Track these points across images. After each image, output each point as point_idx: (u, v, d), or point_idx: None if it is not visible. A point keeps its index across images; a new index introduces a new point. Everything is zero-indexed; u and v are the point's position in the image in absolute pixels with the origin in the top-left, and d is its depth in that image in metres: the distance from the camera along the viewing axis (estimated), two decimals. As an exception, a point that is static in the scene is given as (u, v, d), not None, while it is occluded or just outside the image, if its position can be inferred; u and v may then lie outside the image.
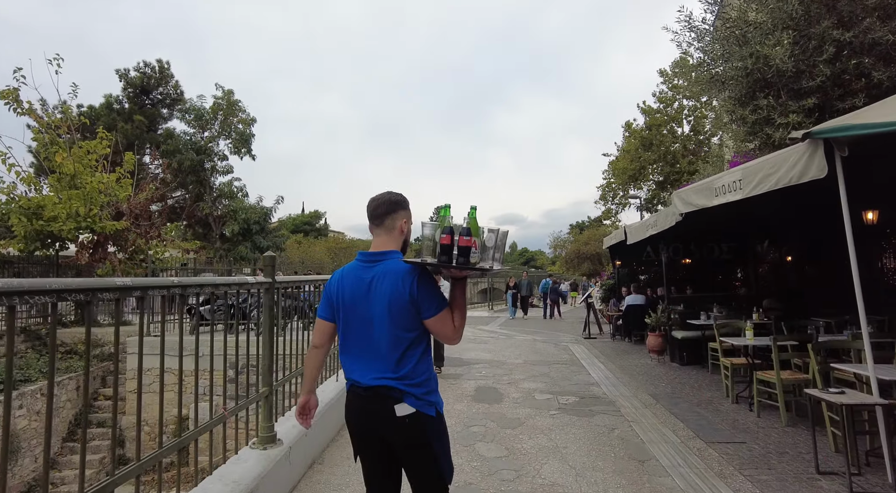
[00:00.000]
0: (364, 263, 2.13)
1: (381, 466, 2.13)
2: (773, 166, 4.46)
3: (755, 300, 10.14)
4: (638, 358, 9.79)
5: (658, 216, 8.28)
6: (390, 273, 2.04)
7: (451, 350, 10.46)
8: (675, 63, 25.01)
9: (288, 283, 4.26)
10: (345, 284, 2.13)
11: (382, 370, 2.01)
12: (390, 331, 2.01)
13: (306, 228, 58.71)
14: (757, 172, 4.76)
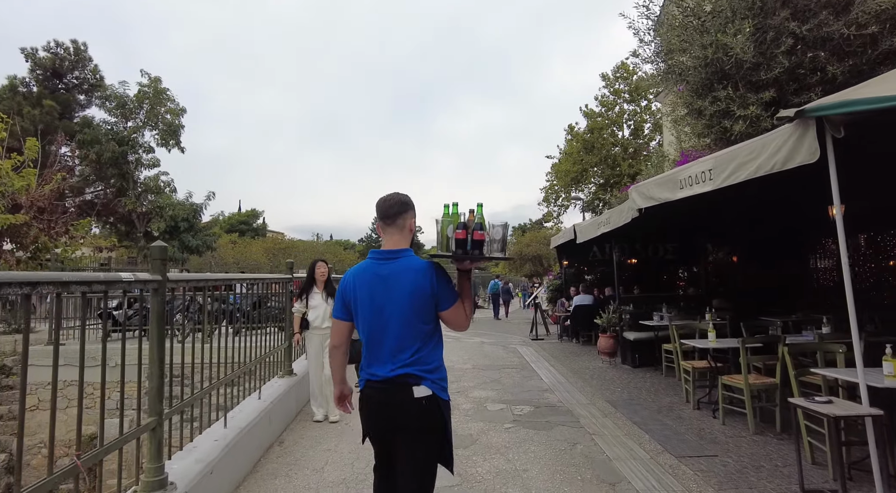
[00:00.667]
0: (379, 260, 2.22)
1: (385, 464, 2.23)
2: (750, 153, 4.02)
3: (703, 300, 10.02)
4: (588, 360, 9.40)
5: (612, 213, 7.88)
6: (411, 269, 2.16)
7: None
8: (617, 67, 25.42)
9: (189, 282, 3.37)
10: (360, 281, 2.22)
11: (399, 361, 2.11)
12: (411, 323, 2.13)
13: (242, 228, 56.02)
14: (731, 160, 4.33)
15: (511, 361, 9.33)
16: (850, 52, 6.24)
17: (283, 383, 5.60)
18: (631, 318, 8.73)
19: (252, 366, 4.80)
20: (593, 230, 8.92)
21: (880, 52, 6.17)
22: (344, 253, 40.55)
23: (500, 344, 11.81)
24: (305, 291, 5.26)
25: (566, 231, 10.97)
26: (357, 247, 65.32)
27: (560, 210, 28.92)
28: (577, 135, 26.65)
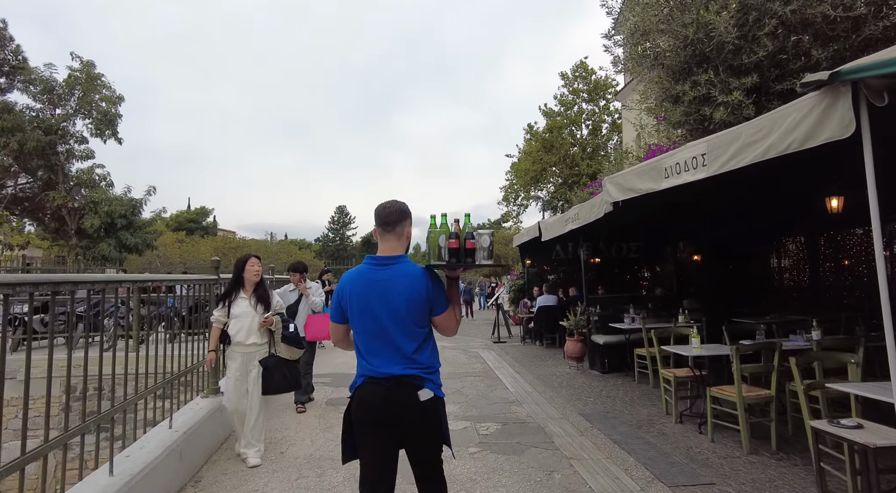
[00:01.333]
0: (375, 266, 2.26)
1: (389, 454, 2.22)
2: (758, 130, 3.40)
3: (672, 301, 9.59)
4: (554, 365, 8.78)
5: (581, 208, 7.26)
6: (407, 275, 2.23)
7: (346, 365, 8.80)
8: (576, 67, 25.19)
9: (23, 285, 2.37)
10: (356, 286, 2.24)
11: (403, 362, 2.17)
12: (407, 326, 2.19)
13: (191, 226, 53.39)
14: (731, 141, 3.71)
15: (474, 367, 8.59)
16: (834, 36, 5.81)
17: (207, 404, 4.64)
18: (600, 320, 8.16)
19: (159, 388, 3.84)
20: (560, 227, 8.30)
21: (864, 37, 5.77)
22: (299, 253, 38.83)
23: (462, 348, 11.06)
24: (229, 294, 4.28)
25: (530, 229, 10.35)
26: (313, 247, 63.43)
27: (519, 209, 28.56)
28: (536, 134, 26.31)
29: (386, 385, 2.16)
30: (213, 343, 4.30)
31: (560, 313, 10.56)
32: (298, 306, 5.68)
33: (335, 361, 9.32)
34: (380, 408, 2.17)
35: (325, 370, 8.36)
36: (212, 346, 4.32)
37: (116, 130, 20.40)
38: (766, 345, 4.46)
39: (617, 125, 25.22)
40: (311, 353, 5.85)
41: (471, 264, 2.30)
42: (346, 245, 59.80)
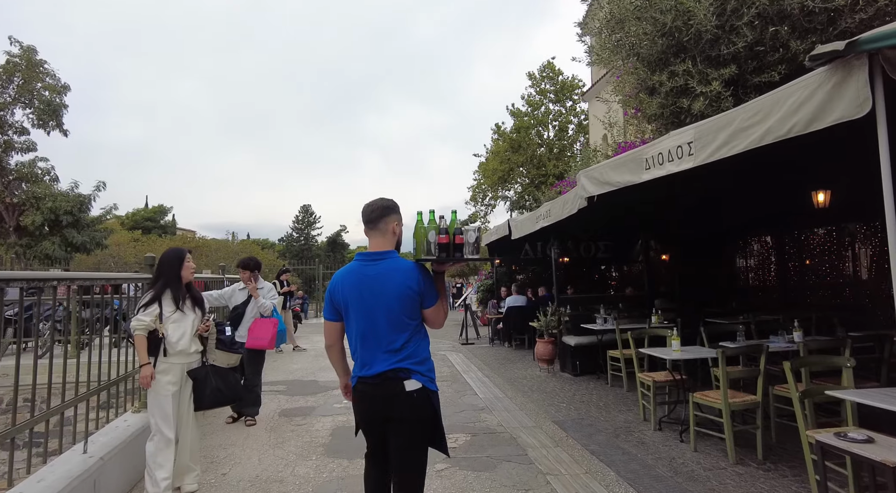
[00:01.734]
0: (366, 262, 2.31)
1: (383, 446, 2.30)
2: (754, 114, 3.09)
3: (642, 301, 9.39)
4: (524, 367, 8.43)
5: (553, 205, 6.93)
6: (398, 270, 2.26)
7: (303, 372, 8.22)
8: (543, 67, 25.11)
9: None
10: (348, 282, 2.30)
11: (390, 358, 2.21)
12: (398, 318, 2.22)
13: (148, 225, 51.21)
14: (722, 127, 3.39)
15: (440, 371, 8.15)
16: (811, 28, 5.63)
17: (137, 421, 4.05)
18: (571, 321, 7.84)
19: (69, 406, 3.24)
20: (531, 225, 7.96)
21: (840, 30, 5.60)
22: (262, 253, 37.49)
23: (428, 350, 10.61)
24: (159, 295, 3.64)
25: (499, 227, 10.00)
26: (277, 246, 61.68)
27: (487, 209, 28.29)
28: (503, 134, 26.10)
29: (373, 383, 2.22)
30: (145, 354, 3.43)
31: (530, 313, 10.25)
32: (246, 308, 5.04)
33: (292, 366, 8.71)
34: (370, 406, 2.25)
35: (281, 377, 7.76)
36: (144, 357, 3.42)
37: (62, 122, 19.06)
38: (751, 347, 4.18)
39: (583, 126, 25.26)
40: (258, 362, 5.22)
41: (459, 258, 2.33)
42: (311, 245, 58.43)
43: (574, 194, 6.11)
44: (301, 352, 10.14)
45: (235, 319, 4.94)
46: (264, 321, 4.95)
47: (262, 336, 4.84)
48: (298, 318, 13.09)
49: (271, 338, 4.87)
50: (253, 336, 4.87)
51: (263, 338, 4.83)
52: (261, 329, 4.87)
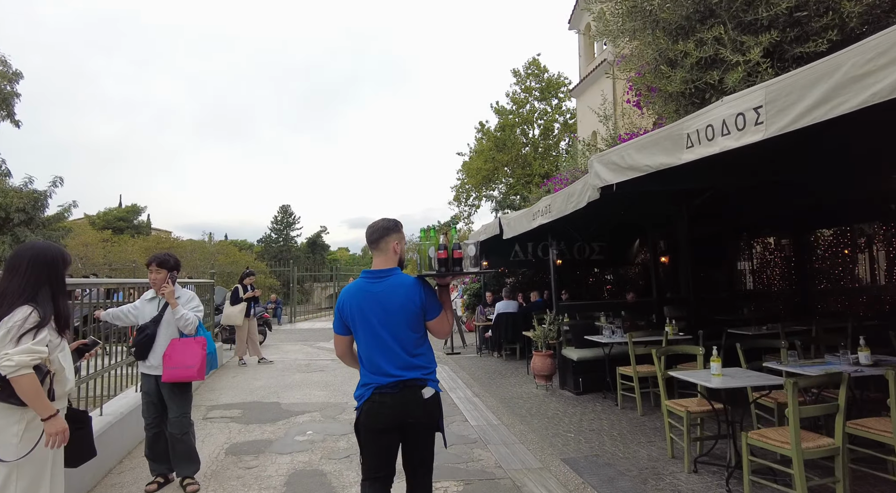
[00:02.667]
0: (371, 279, 2.44)
1: (390, 455, 2.37)
2: (882, 53, 2.14)
3: (646, 308, 8.49)
4: (519, 383, 7.44)
5: (554, 199, 5.96)
6: (402, 286, 2.40)
7: (265, 391, 7.08)
8: (528, 64, 24.27)
9: None
10: (355, 299, 2.41)
11: (405, 366, 2.33)
12: (404, 332, 2.36)
13: (121, 225, 49.15)
14: (814, 82, 2.45)
15: (423, 388, 7.11)
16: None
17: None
18: (573, 332, 6.88)
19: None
20: (526, 223, 6.99)
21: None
22: (239, 254, 35.90)
23: (409, 361, 9.57)
24: (48, 314, 2.28)
25: (489, 226, 9.01)
26: (255, 248, 59.86)
27: (471, 210, 27.35)
28: (487, 132, 25.18)
29: (393, 391, 2.31)
30: (47, 401, 2.23)
31: (521, 320, 9.28)
32: (159, 326, 3.52)
33: (253, 383, 7.58)
34: (389, 415, 2.31)
35: (238, 398, 6.63)
36: (49, 406, 2.22)
37: (13, 112, 17.52)
38: (831, 376, 3.23)
39: (569, 126, 24.51)
40: (184, 398, 3.66)
41: (458, 271, 2.48)
42: (291, 246, 56.86)
43: (583, 185, 5.15)
44: (267, 365, 9.00)
45: (143, 343, 3.47)
46: (187, 342, 3.52)
47: (186, 363, 3.44)
48: (268, 325, 11.91)
49: (200, 364, 3.48)
50: (172, 364, 3.43)
51: (189, 365, 3.44)
52: (183, 353, 3.46)
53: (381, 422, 2.31)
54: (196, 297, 3.68)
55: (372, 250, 2.50)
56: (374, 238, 2.47)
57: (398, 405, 2.29)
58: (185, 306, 3.55)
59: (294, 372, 8.45)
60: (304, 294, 34.17)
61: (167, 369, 3.44)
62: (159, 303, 3.56)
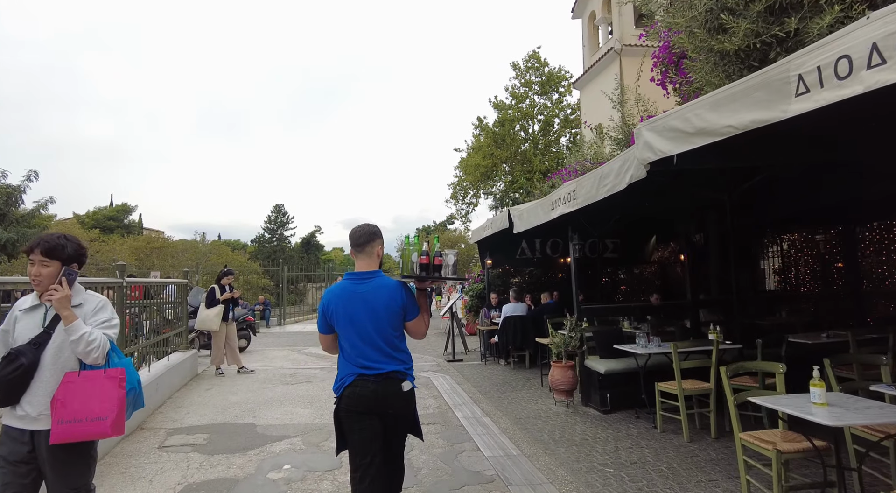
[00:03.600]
0: (356, 280, 2.59)
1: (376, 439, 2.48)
2: None
3: (673, 311, 7.53)
4: (533, 398, 6.46)
5: (581, 183, 5.00)
6: (386, 287, 2.56)
7: (240, 408, 6.05)
8: (528, 57, 23.34)
9: None
10: (339, 299, 2.56)
11: (386, 361, 2.50)
12: (385, 330, 2.52)
13: (111, 224, 47.94)
14: None
15: (426, 405, 6.10)
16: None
17: None
18: (598, 340, 5.91)
19: None
20: (542, 214, 6.02)
21: None
22: (232, 254, 34.65)
23: (407, 370, 8.58)
24: None
25: (496, 219, 8.02)
26: (249, 248, 58.52)
27: (468, 208, 26.37)
28: (485, 128, 24.20)
29: (376, 380, 2.46)
30: None
31: (531, 324, 8.32)
32: (42, 351, 2.16)
33: (229, 398, 6.55)
34: (371, 399, 2.46)
35: (207, 418, 5.60)
36: None
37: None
38: None
39: (570, 121, 23.60)
40: (83, 467, 2.25)
41: (438, 276, 2.65)
42: (285, 246, 55.68)
43: (622, 163, 4.19)
44: (247, 375, 7.97)
45: (13, 380, 2.09)
46: (93, 378, 2.18)
47: (92, 412, 2.11)
48: (252, 329, 10.86)
49: (117, 413, 2.17)
50: (69, 415, 2.09)
51: (97, 415, 2.12)
52: (87, 397, 2.13)
53: (362, 406, 2.46)
54: (109, 304, 2.35)
55: (356, 252, 2.64)
56: (360, 242, 2.62)
57: (380, 392, 2.45)
58: (89, 319, 2.24)
59: (276, 384, 7.43)
60: (298, 295, 33.00)
61: (59, 422, 2.08)
62: (45, 315, 2.22)
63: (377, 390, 2.44)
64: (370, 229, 2.65)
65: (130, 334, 6.05)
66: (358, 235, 2.63)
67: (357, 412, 2.46)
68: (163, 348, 7.11)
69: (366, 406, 2.45)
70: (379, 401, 2.45)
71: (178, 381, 7.01)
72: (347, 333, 2.52)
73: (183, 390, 6.99)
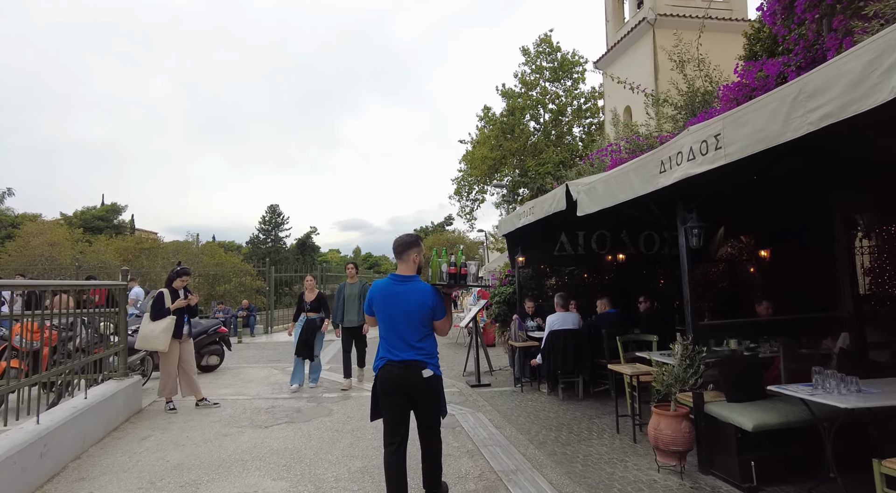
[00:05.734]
0: (397, 281, 3.10)
1: (402, 412, 3.02)
2: None
3: (789, 327, 5.40)
4: (616, 456, 4.32)
5: (743, 116, 2.89)
6: (419, 290, 3.05)
7: (177, 481, 3.84)
8: (539, 41, 21.28)
9: None
10: (382, 293, 3.11)
11: (411, 350, 2.98)
12: (415, 325, 3.00)
13: (99, 225, 45.79)
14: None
15: (460, 473, 3.95)
16: None
17: None
18: (731, 374, 3.79)
19: None
20: (639, 182, 3.89)
21: None
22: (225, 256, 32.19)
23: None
24: None
25: (543, 201, 5.83)
26: (243, 249, 56.05)
27: (473, 205, 24.21)
28: (492, 120, 22.06)
29: (399, 366, 2.96)
30: None
31: (585, 341, 6.20)
32: None
33: (169, 454, 4.34)
34: (395, 381, 2.96)
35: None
36: None
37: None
38: None
39: (583, 111, 21.53)
40: None
41: (463, 284, 3.23)
42: (280, 247, 53.34)
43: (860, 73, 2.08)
44: (208, 411, 5.79)
45: None
46: None
47: None
48: (226, 342, 8.65)
49: None
50: None
51: None
52: None
53: (389, 386, 2.98)
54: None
55: (398, 259, 3.16)
56: (399, 250, 3.14)
57: (402, 376, 2.95)
58: None
59: (245, 426, 5.26)
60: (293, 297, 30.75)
61: None
62: None
63: (401, 373, 2.96)
64: (406, 240, 3.16)
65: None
66: (397, 244, 3.16)
67: (386, 391, 3.01)
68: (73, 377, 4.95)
69: (392, 387, 2.98)
70: (402, 383, 2.96)
71: (102, 426, 4.84)
72: (383, 322, 3.07)
73: (108, 439, 4.82)
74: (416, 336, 2.97)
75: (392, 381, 2.96)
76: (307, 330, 6.79)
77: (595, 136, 20.64)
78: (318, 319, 6.91)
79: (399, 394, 2.96)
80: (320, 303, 7.05)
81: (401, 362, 2.94)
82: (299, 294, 7.34)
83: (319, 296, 7.11)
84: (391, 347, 3.00)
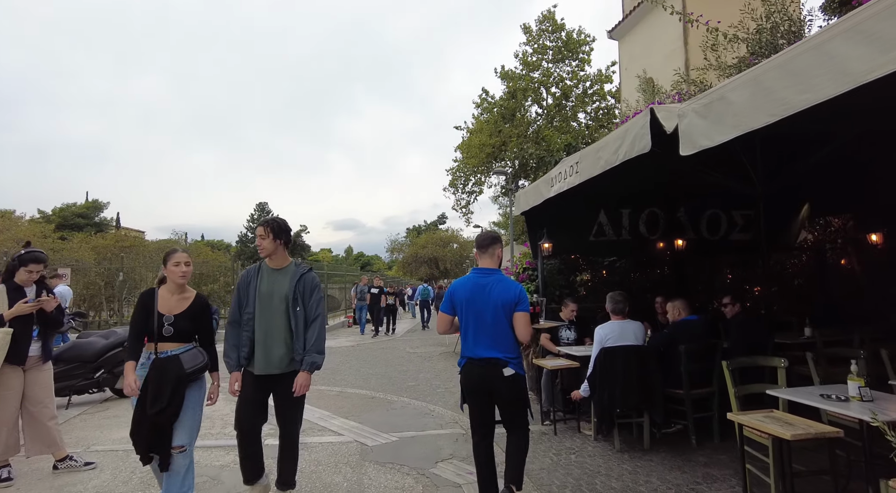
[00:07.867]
0: (480, 274, 3.02)
1: (486, 410, 2.94)
2: None
3: None
4: None
5: None
6: (504, 282, 2.99)
7: None
8: (542, 18, 19.18)
9: None
10: (465, 288, 3.01)
11: (493, 347, 2.87)
12: (499, 318, 2.88)
13: (80, 222, 43.17)
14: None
15: None
16: None
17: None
18: None
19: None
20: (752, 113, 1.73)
21: None
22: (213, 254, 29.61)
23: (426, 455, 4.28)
24: None
25: (606, 143, 3.69)
26: (232, 249, 53.41)
27: (469, 198, 22.02)
28: (490, 106, 19.89)
29: (480, 365, 2.89)
30: None
31: (655, 364, 4.07)
32: None
33: None
34: (477, 380, 2.91)
35: None
36: None
37: None
38: None
39: (588, 95, 19.45)
40: None
41: None
42: (268, 245, 50.68)
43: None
44: (71, 475, 3.56)
45: None
46: None
47: None
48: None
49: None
50: None
51: None
52: None
53: (471, 384, 2.93)
54: None
55: (481, 253, 3.10)
56: (484, 244, 3.09)
57: (484, 376, 2.87)
58: None
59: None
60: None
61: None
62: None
63: (482, 373, 2.88)
64: (493, 235, 3.16)
65: None
66: (483, 238, 3.13)
67: (469, 390, 2.95)
68: None
69: (474, 385, 2.92)
70: (484, 382, 2.88)
71: None
72: (467, 318, 2.95)
73: None
74: (501, 331, 2.88)
75: (474, 381, 2.92)
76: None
77: (603, 121, 18.61)
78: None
79: (482, 394, 2.92)
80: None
81: (481, 360, 2.89)
82: None
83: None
84: (473, 345, 2.93)
